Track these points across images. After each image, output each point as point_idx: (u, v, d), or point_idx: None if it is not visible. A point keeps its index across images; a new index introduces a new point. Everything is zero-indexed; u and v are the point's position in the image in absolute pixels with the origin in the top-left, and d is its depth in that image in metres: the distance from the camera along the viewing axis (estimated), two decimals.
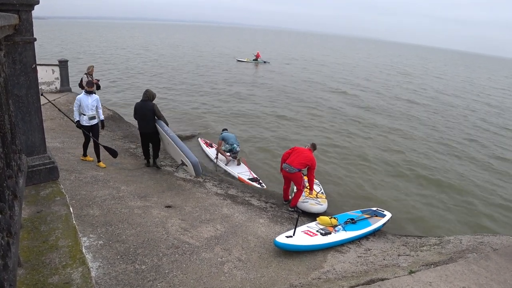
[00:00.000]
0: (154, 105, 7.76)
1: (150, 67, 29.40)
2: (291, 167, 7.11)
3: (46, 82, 13.09)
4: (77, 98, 7.40)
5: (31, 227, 3.16)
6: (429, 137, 15.02)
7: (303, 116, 16.67)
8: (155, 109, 7.70)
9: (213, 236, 5.47)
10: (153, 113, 7.71)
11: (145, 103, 7.74)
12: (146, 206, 6.05)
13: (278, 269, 4.90)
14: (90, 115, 7.42)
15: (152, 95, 7.85)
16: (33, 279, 2.56)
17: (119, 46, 48.11)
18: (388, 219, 6.92)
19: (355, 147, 12.89)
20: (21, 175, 3.07)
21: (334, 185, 9.52)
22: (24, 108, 3.87)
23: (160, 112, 7.86)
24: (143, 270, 4.34)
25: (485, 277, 4.47)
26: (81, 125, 7.44)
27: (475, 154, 13.33)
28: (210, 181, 8.00)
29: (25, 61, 3.75)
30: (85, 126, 7.46)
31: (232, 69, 31.62)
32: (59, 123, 10.54)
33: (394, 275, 4.44)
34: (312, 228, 5.93)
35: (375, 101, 21.70)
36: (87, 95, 7.39)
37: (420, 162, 11.87)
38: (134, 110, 7.95)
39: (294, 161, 7.13)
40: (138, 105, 7.85)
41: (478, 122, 19.07)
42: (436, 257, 5.10)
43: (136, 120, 8.14)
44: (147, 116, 7.71)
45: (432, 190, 9.78)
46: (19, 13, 3.57)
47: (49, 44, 43.42)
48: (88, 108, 7.38)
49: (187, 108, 16.65)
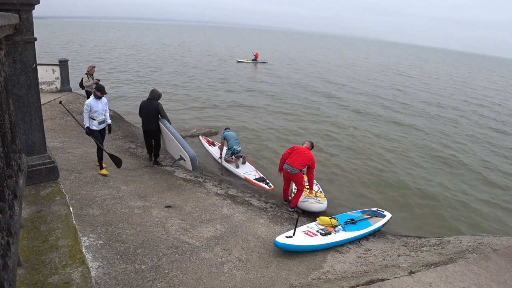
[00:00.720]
0: (159, 104, 8.03)
1: (163, 64, 29.47)
2: (293, 168, 7.10)
3: (47, 81, 13.10)
4: (87, 104, 7.02)
5: (31, 227, 3.17)
6: (433, 139, 15.03)
7: (303, 113, 16.67)
8: (159, 108, 7.98)
9: (213, 236, 5.46)
10: (157, 112, 7.99)
11: (150, 101, 8.02)
12: (146, 206, 6.05)
13: (278, 269, 4.90)
14: (100, 120, 7.15)
15: (158, 95, 8.12)
16: (33, 279, 2.56)
17: (129, 45, 48.12)
18: (388, 220, 6.92)
19: (357, 147, 12.89)
20: (21, 174, 3.07)
21: (334, 185, 9.52)
22: (24, 108, 3.87)
23: (165, 112, 8.15)
24: (143, 270, 4.33)
25: (485, 277, 4.47)
26: (91, 130, 7.06)
27: (475, 156, 13.33)
28: (210, 181, 8.00)
29: (25, 60, 3.76)
30: (94, 132, 7.12)
31: (231, 69, 31.64)
32: (59, 123, 10.54)
33: (394, 276, 4.43)
34: (312, 228, 5.93)
35: (379, 102, 21.71)
36: (97, 100, 7.07)
37: (420, 163, 11.87)
38: (140, 108, 8.20)
39: (295, 161, 7.13)
40: (143, 103, 8.12)
41: (478, 124, 19.08)
42: (436, 257, 5.10)
43: (139, 118, 8.47)
44: (152, 114, 7.98)
45: (432, 191, 9.77)
46: (19, 12, 3.57)
47: (50, 44, 43.43)
48: (99, 113, 7.11)
49: (187, 108, 16.66)
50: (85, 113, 7.04)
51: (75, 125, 10.60)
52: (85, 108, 7.04)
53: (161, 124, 8.14)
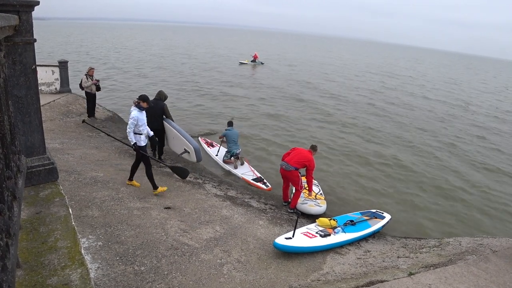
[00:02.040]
0: (164, 105, 8.64)
1: (169, 66, 29.49)
2: (288, 164, 7.22)
3: (46, 83, 13.09)
4: (134, 117, 6.29)
5: (30, 228, 3.16)
6: (434, 140, 15.05)
7: (306, 115, 16.68)
8: (164, 108, 8.60)
9: (212, 237, 5.46)
10: (162, 112, 8.61)
11: (157, 101, 8.55)
12: (145, 208, 6.05)
13: (278, 270, 4.89)
14: (146, 134, 6.65)
15: (164, 96, 8.76)
16: (32, 281, 2.55)
17: (131, 47, 48.13)
18: (388, 221, 6.92)
19: (356, 149, 12.89)
20: (20, 176, 3.07)
21: (334, 187, 9.52)
22: (23, 109, 3.86)
23: (169, 112, 8.77)
24: (142, 272, 4.33)
25: (485, 279, 4.47)
26: (140, 147, 6.48)
27: (472, 155, 13.34)
28: (210, 183, 8.00)
29: (25, 62, 3.75)
30: (143, 148, 6.58)
31: (232, 70, 31.66)
32: (58, 124, 10.54)
33: (393, 277, 4.43)
34: (311, 230, 5.93)
35: (378, 103, 21.72)
36: (141, 111, 6.45)
37: (419, 164, 11.87)
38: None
39: (292, 159, 7.25)
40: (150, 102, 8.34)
41: (474, 124, 19.11)
42: (435, 259, 5.10)
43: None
44: (157, 113, 8.52)
45: (432, 193, 9.77)
46: (19, 13, 3.57)
47: (49, 45, 43.42)
48: (145, 126, 6.54)
49: (188, 108, 16.66)
50: (131, 127, 6.33)
51: (74, 126, 10.60)
52: (131, 122, 6.33)
53: (165, 123, 8.69)
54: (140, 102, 6.43)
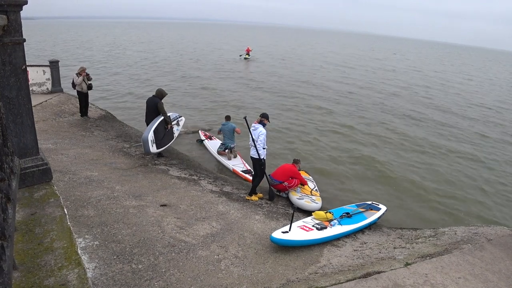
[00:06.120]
0: (159, 101, 8.95)
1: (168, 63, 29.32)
2: (273, 179, 7.64)
3: (37, 83, 12.96)
4: (265, 134, 6.83)
5: (25, 230, 3.14)
6: (427, 130, 15.14)
7: (301, 110, 16.71)
8: (158, 105, 8.90)
9: (209, 233, 5.47)
10: (156, 108, 8.92)
11: (153, 98, 8.98)
12: (141, 206, 6.03)
13: (275, 264, 4.91)
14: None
15: (161, 93, 9.05)
16: (29, 282, 2.55)
17: (123, 46, 47.75)
18: (383, 212, 6.96)
19: (351, 142, 12.94)
20: (13, 177, 3.05)
21: (329, 180, 9.57)
22: (15, 110, 3.83)
23: (164, 109, 9.01)
24: (140, 270, 4.33)
25: (480, 267, 4.52)
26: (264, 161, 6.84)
27: (467, 145, 13.46)
28: (205, 179, 8.00)
29: (14, 62, 3.71)
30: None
31: (229, 65, 31.60)
32: (51, 124, 10.45)
33: (390, 268, 4.47)
34: (308, 223, 5.95)
35: (375, 99, 21.79)
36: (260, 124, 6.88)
37: (413, 156, 11.95)
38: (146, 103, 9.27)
39: (276, 174, 7.72)
40: (148, 99, 9.15)
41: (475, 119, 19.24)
42: (431, 248, 5.15)
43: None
44: (151, 109, 8.97)
45: (426, 182, 9.85)
46: (7, 13, 3.53)
47: (40, 45, 42.95)
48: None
49: (188, 103, 16.60)
50: (263, 143, 6.81)
51: (67, 126, 10.53)
52: (264, 138, 6.85)
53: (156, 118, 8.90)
54: (264, 120, 7.04)
